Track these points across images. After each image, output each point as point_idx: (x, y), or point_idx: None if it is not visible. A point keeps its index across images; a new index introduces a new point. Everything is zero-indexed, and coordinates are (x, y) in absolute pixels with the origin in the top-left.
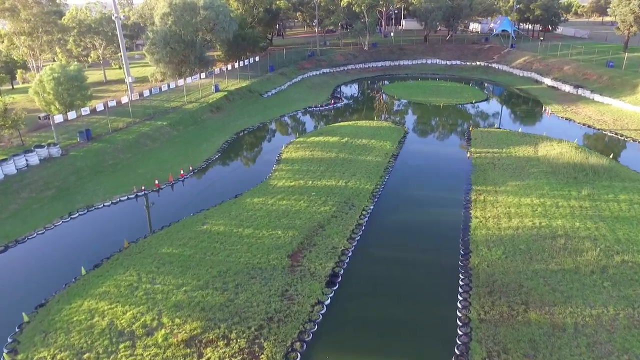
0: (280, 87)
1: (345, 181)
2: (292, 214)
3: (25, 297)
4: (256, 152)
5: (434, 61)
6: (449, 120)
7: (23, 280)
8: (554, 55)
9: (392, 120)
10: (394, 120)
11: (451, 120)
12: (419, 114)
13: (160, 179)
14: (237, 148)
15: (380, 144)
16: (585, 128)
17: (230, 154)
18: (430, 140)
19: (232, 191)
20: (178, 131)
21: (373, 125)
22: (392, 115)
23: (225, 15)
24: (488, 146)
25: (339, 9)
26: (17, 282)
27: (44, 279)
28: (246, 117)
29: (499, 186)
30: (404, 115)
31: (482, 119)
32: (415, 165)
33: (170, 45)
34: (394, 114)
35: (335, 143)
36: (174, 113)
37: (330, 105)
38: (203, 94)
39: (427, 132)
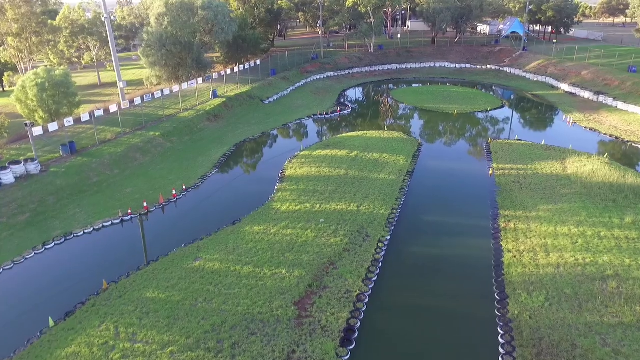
0: (282, 93)
1: (357, 205)
2: (298, 246)
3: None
4: (257, 167)
5: (443, 64)
6: (464, 130)
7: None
8: (570, 59)
9: (403, 131)
10: (405, 130)
11: (467, 131)
12: (432, 124)
13: (150, 200)
14: (235, 163)
15: (393, 159)
16: (613, 140)
17: (228, 170)
18: (447, 154)
19: (229, 216)
20: (172, 143)
21: (384, 136)
22: (403, 124)
23: (224, 16)
24: (511, 161)
25: (343, 10)
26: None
27: (3, 333)
28: (246, 126)
29: (529, 211)
30: (416, 125)
31: (500, 129)
32: (433, 184)
33: (166, 47)
34: (405, 123)
35: (344, 158)
36: (168, 122)
37: (336, 112)
38: (200, 100)
39: (442, 144)
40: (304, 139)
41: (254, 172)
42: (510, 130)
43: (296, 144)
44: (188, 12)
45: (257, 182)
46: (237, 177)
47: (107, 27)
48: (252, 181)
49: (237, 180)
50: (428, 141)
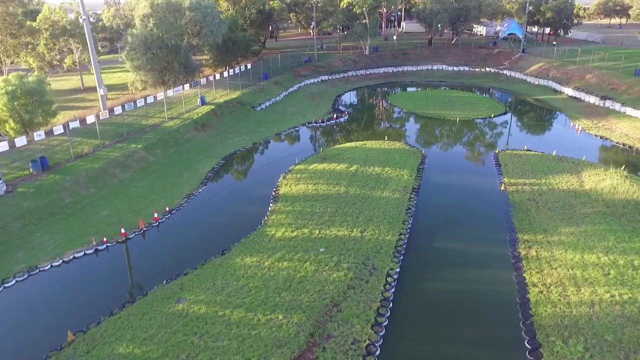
0: (274, 99)
1: (360, 230)
2: (296, 283)
3: None
4: (248, 184)
5: (440, 67)
6: (469, 139)
7: None
8: (572, 62)
9: (405, 141)
10: (407, 140)
11: (472, 140)
12: (434, 132)
13: (129, 224)
14: (225, 179)
15: (396, 174)
16: (626, 149)
17: (217, 188)
18: (453, 167)
19: (218, 243)
20: (155, 156)
21: (385, 147)
22: (404, 132)
23: (213, 17)
24: (523, 175)
25: (337, 10)
26: None
27: None
28: (236, 135)
29: (550, 234)
30: (417, 133)
31: (506, 138)
32: (442, 203)
33: (151, 50)
34: (406, 132)
35: (343, 173)
36: (151, 132)
37: (332, 120)
38: (187, 107)
39: (447, 155)
40: (298, 150)
41: (244, 189)
42: (517, 139)
43: (290, 156)
44: (175, 13)
45: (248, 201)
46: (226, 196)
47: (85, 29)
48: (243, 201)
49: (226, 199)
50: (432, 152)
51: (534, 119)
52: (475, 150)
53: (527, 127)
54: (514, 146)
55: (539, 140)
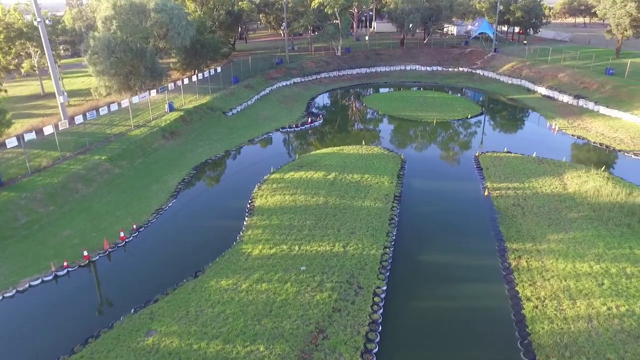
0: (246, 103)
1: (342, 244)
2: (277, 308)
3: None
4: (221, 196)
5: (414, 67)
6: (447, 141)
7: None
8: (544, 61)
9: (383, 145)
10: (385, 144)
11: (450, 142)
12: (412, 135)
13: (92, 245)
14: (196, 191)
15: (376, 181)
16: (604, 149)
17: (188, 201)
18: (434, 172)
19: (190, 263)
20: (121, 168)
21: (363, 152)
22: (381, 136)
23: (180, 19)
24: (506, 179)
25: (308, 11)
26: None
27: None
28: (207, 143)
29: (539, 242)
30: (395, 137)
31: (484, 139)
32: (425, 211)
33: (115, 54)
34: (383, 135)
35: (321, 181)
36: (116, 142)
37: (306, 124)
38: (154, 114)
39: (427, 159)
40: (273, 157)
41: (217, 202)
42: (496, 140)
43: (265, 164)
44: (139, 15)
45: (222, 215)
46: (198, 209)
47: (41, 32)
48: (216, 215)
49: (198, 214)
50: (411, 156)
51: (510, 119)
52: (455, 153)
53: (505, 128)
54: (493, 148)
55: (517, 141)
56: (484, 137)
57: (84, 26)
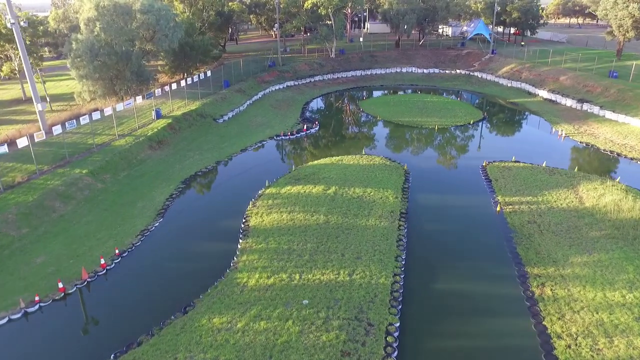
0: (238, 108)
1: (347, 271)
2: (277, 353)
3: None
4: (212, 214)
5: (410, 69)
6: (451, 150)
7: None
8: (544, 63)
9: (384, 154)
10: (386, 153)
11: (454, 150)
12: (414, 143)
13: (69, 274)
14: (185, 208)
15: (380, 195)
16: (615, 157)
17: (176, 220)
18: (440, 184)
19: (179, 295)
20: (104, 182)
21: (363, 163)
22: (381, 144)
23: (168, 20)
24: (517, 192)
25: (301, 12)
26: None
27: None
28: (197, 153)
29: (561, 266)
30: (396, 145)
31: (489, 147)
32: (434, 230)
33: (98, 57)
34: (383, 143)
35: (320, 197)
36: (99, 153)
37: (302, 131)
38: (140, 122)
39: (431, 170)
40: (268, 169)
41: (208, 221)
42: (501, 148)
43: (259, 176)
44: (124, 17)
45: (213, 237)
46: (187, 231)
47: (15, 34)
48: (207, 236)
49: (187, 235)
50: (414, 167)
51: (514, 124)
52: (460, 163)
53: (509, 134)
54: (499, 156)
55: (523, 148)
56: (489, 145)
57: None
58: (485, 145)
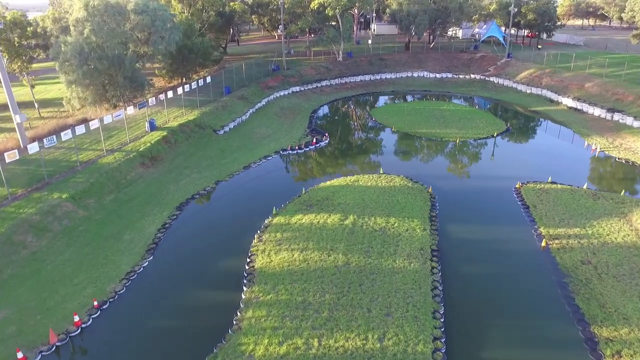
0: (240, 118)
1: (377, 334)
2: None
3: None
4: (211, 250)
5: (421, 74)
6: (478, 168)
7: None
8: (566, 68)
9: (404, 173)
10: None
11: (482, 169)
12: (435, 159)
13: (33, 337)
14: (179, 242)
15: (405, 227)
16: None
17: (168, 259)
18: (471, 212)
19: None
20: (86, 209)
21: (382, 184)
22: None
23: (164, 21)
24: (562, 222)
25: (307, 12)
26: None
27: None
28: (195, 171)
29: (636, 325)
30: (416, 162)
31: (519, 164)
32: (474, 275)
33: (88, 62)
34: (402, 159)
35: (337, 229)
36: (83, 173)
37: (311, 145)
38: (132, 135)
39: (459, 193)
40: (274, 191)
41: (206, 260)
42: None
43: (265, 200)
44: (116, 17)
45: (212, 282)
46: (180, 273)
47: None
48: (205, 281)
49: (180, 279)
50: (440, 188)
51: (540, 137)
52: (490, 184)
53: (537, 148)
54: (532, 175)
55: (557, 165)
56: (518, 161)
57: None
58: (514, 161)
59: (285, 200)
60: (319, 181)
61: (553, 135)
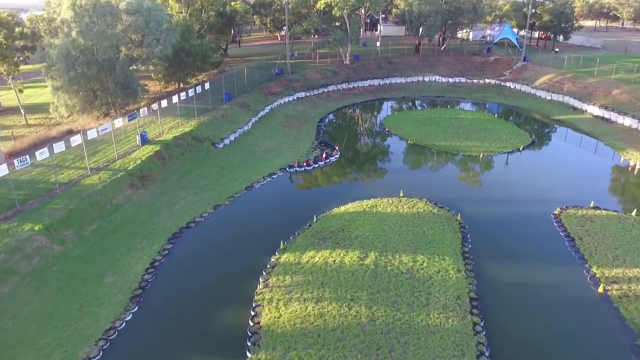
0: (242, 129)
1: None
2: None
3: None
4: (207, 300)
5: (433, 78)
6: (508, 189)
7: None
8: (589, 73)
9: (427, 196)
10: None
11: (512, 190)
12: (459, 178)
13: None
14: (169, 287)
15: (436, 267)
16: None
17: (155, 310)
18: (509, 246)
19: None
20: (62, 243)
21: (404, 210)
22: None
23: (159, 22)
24: (616, 261)
25: (312, 13)
26: None
27: None
28: (190, 193)
29: None
30: (439, 182)
31: (552, 183)
32: (523, 333)
33: (76, 67)
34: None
35: (356, 271)
36: (62, 198)
37: (320, 161)
38: (121, 149)
39: (491, 222)
40: (281, 218)
41: (202, 313)
42: (568, 185)
43: (271, 230)
44: (107, 18)
45: (208, 344)
46: (170, 331)
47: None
48: (199, 342)
49: (169, 341)
50: (469, 215)
51: (570, 151)
52: (524, 209)
53: (569, 165)
54: (569, 198)
55: (594, 185)
56: (551, 180)
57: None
58: (546, 180)
59: (294, 231)
60: (332, 205)
61: (583, 148)
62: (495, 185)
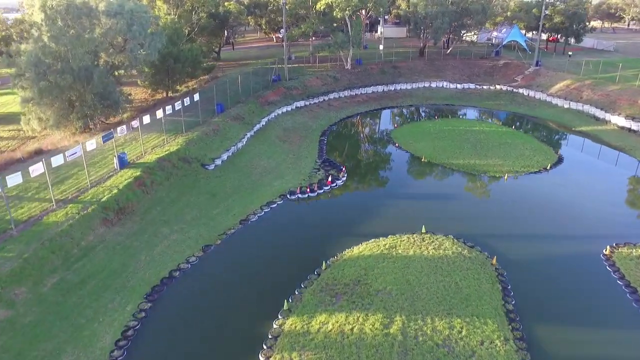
0: (235, 146)
1: None
2: None
3: None
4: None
5: (440, 84)
6: (544, 221)
7: None
8: (610, 79)
9: (454, 235)
10: (454, 227)
11: (549, 222)
12: (486, 207)
13: None
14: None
15: (478, 338)
16: None
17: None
18: (559, 301)
19: None
20: (12, 306)
21: (429, 253)
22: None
23: (143, 26)
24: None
25: (311, 14)
26: None
27: None
28: (175, 230)
29: None
30: (464, 213)
31: (595, 214)
32: None
33: (47, 76)
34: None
35: (380, 344)
36: (17, 242)
37: (325, 185)
38: (95, 176)
39: (531, 265)
40: (283, 262)
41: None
42: (607, 213)
43: (271, 279)
44: (83, 21)
45: None
46: None
47: None
48: None
49: None
50: (505, 257)
51: (604, 170)
52: (567, 247)
53: (606, 188)
54: (615, 229)
55: (633, 213)
56: (591, 209)
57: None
58: (585, 209)
59: (300, 281)
60: (343, 245)
61: (617, 166)
62: (527, 215)
